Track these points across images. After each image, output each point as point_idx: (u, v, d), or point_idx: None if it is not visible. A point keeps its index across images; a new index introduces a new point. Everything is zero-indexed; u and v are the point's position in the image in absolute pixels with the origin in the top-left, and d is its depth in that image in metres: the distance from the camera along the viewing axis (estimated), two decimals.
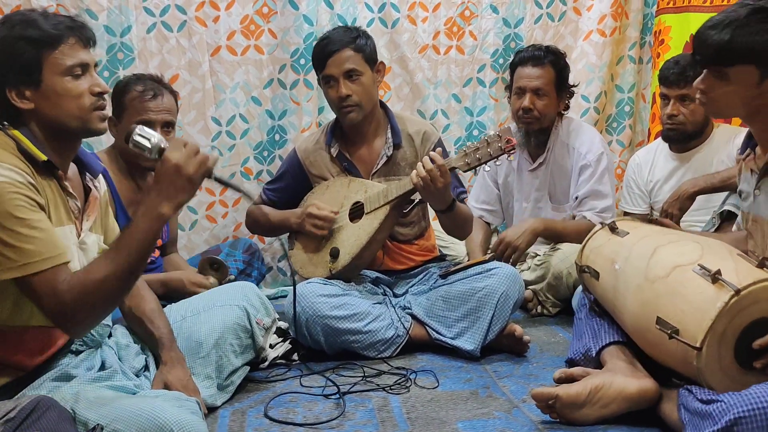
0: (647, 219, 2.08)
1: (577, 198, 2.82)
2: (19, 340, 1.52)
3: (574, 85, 2.90)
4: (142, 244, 1.43)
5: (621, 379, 1.77)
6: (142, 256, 1.45)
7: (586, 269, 2.07)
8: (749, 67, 1.67)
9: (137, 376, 1.76)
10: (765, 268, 1.61)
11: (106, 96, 1.56)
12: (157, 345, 1.81)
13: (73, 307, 1.41)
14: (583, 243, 2.15)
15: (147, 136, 1.51)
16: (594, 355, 1.93)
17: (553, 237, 2.80)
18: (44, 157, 1.50)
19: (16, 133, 1.50)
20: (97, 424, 1.39)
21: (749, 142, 1.85)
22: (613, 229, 2.06)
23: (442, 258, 2.73)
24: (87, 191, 1.67)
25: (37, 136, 1.52)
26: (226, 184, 1.67)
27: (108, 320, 1.71)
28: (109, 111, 1.61)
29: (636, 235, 1.97)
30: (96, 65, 1.59)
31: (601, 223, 2.15)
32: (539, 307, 2.78)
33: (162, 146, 1.50)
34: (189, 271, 2.42)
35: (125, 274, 1.43)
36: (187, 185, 1.46)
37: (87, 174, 1.68)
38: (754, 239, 1.85)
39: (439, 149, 2.27)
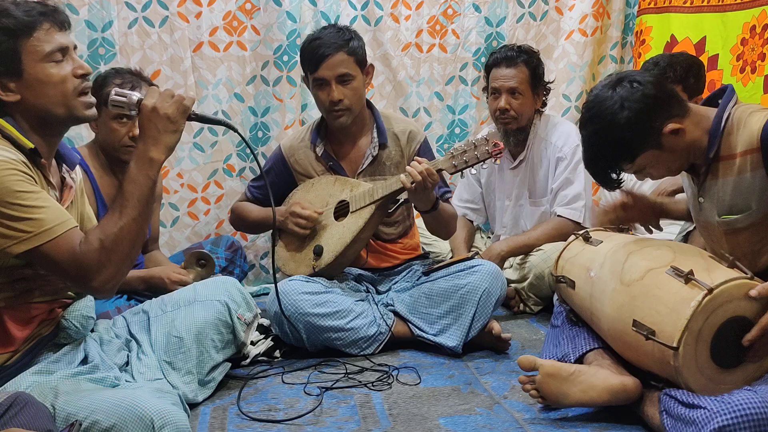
0: (620, 228, 2.10)
1: (552, 190, 2.85)
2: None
3: (549, 82, 2.91)
4: (143, 191, 1.49)
5: (605, 372, 1.78)
6: (146, 204, 1.51)
7: (562, 279, 2.09)
8: (645, 153, 1.72)
9: (119, 370, 1.74)
10: (736, 269, 1.63)
11: (89, 77, 1.56)
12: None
13: (97, 263, 1.45)
14: (558, 254, 2.17)
15: (123, 94, 1.56)
16: (573, 361, 1.92)
17: (522, 250, 2.80)
18: (31, 145, 1.50)
19: (1, 122, 1.49)
20: (75, 420, 1.38)
21: None
22: (587, 239, 2.09)
23: (425, 256, 2.74)
24: (62, 182, 1.67)
25: (23, 126, 1.52)
26: (208, 120, 1.73)
27: (92, 313, 1.70)
28: (93, 98, 1.61)
29: (609, 243, 1.99)
30: (75, 48, 1.58)
31: (575, 234, 2.17)
32: (521, 305, 2.79)
33: (139, 98, 1.55)
34: (169, 267, 2.40)
35: (137, 223, 1.49)
36: (169, 125, 1.52)
37: (64, 165, 1.68)
38: (709, 245, 1.89)
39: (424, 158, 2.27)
